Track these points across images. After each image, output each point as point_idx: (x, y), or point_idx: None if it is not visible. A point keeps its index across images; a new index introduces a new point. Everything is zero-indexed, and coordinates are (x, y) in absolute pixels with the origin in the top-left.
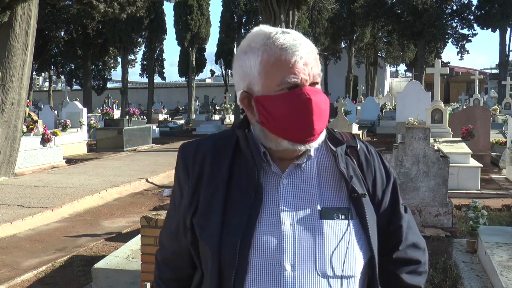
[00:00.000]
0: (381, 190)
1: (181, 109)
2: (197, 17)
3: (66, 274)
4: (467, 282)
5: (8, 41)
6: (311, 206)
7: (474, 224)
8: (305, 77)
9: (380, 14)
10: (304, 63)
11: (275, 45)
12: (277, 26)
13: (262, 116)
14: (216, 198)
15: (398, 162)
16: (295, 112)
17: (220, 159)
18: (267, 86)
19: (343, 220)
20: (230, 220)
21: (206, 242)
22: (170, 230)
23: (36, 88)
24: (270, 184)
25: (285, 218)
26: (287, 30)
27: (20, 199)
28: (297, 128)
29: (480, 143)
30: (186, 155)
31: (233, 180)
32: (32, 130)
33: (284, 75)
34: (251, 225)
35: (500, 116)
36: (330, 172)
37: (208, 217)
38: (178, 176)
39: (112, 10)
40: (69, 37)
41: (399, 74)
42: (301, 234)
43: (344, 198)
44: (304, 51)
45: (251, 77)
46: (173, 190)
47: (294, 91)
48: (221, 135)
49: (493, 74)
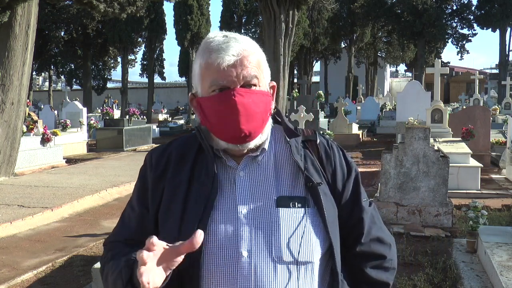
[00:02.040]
0: (341, 182)
1: (181, 109)
2: (197, 17)
3: (66, 274)
4: (467, 282)
5: (8, 41)
6: (268, 196)
7: (474, 224)
8: (233, 79)
9: (380, 14)
10: (229, 65)
11: (207, 49)
12: (277, 26)
13: (201, 116)
14: (178, 193)
15: (398, 162)
16: (223, 112)
17: (184, 158)
18: (203, 88)
19: (300, 208)
20: (188, 211)
21: (167, 236)
22: (129, 228)
23: (36, 88)
24: (227, 177)
25: (241, 207)
26: (227, 34)
27: (20, 199)
28: (227, 128)
29: (480, 143)
30: (153, 156)
31: (195, 178)
32: (32, 130)
33: (213, 78)
34: (206, 214)
35: (500, 116)
36: (287, 163)
37: (169, 211)
38: (140, 177)
39: (112, 10)
40: (69, 37)
41: (399, 74)
42: (257, 221)
43: (301, 187)
44: (230, 53)
45: (195, 80)
46: (134, 189)
47: (222, 93)
48: (187, 137)
49: (493, 74)
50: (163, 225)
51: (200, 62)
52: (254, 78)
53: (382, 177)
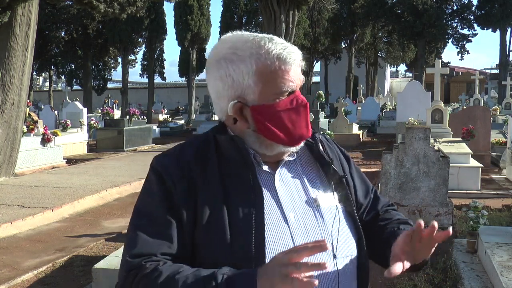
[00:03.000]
0: (348, 172)
1: (181, 109)
2: (197, 17)
3: (66, 274)
4: (467, 282)
5: (8, 41)
6: (307, 196)
7: (474, 224)
8: (299, 83)
9: (380, 14)
10: (298, 69)
11: (270, 55)
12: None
13: (260, 125)
14: (217, 207)
15: (398, 162)
16: (294, 117)
17: (206, 165)
18: (264, 95)
19: (334, 204)
20: (236, 226)
21: (214, 254)
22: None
23: (37, 88)
24: (265, 183)
25: (288, 211)
26: (270, 37)
27: (21, 199)
28: (297, 132)
29: (480, 143)
30: (166, 169)
31: (226, 185)
32: (33, 130)
33: (284, 84)
34: (260, 226)
35: (500, 116)
36: (308, 161)
37: (211, 228)
38: (153, 194)
39: (112, 10)
40: (69, 37)
41: (399, 74)
42: (308, 223)
43: (327, 183)
44: (299, 59)
45: (244, 86)
46: (143, 212)
47: (291, 97)
48: (197, 142)
49: (493, 74)
50: (206, 246)
51: (257, 67)
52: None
53: (382, 177)
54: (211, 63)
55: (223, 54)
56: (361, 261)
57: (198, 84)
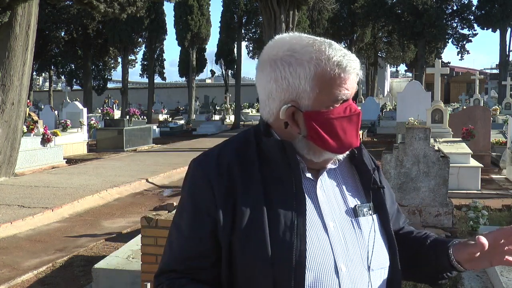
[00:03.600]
0: (378, 181)
1: (181, 109)
2: (197, 17)
3: (66, 274)
4: (467, 282)
5: (8, 41)
6: (346, 206)
7: (475, 224)
8: (353, 92)
9: (380, 14)
10: (355, 78)
11: (330, 61)
12: (277, 26)
13: (312, 131)
14: (257, 212)
15: (398, 162)
16: (346, 126)
17: (247, 168)
18: (319, 101)
19: (371, 216)
20: (277, 232)
21: (254, 261)
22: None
23: (37, 88)
24: (307, 190)
25: (328, 221)
26: (329, 42)
27: (21, 199)
28: (347, 142)
29: (480, 143)
30: (207, 170)
31: (268, 190)
32: (33, 130)
33: (340, 92)
34: (302, 235)
35: (500, 116)
36: (346, 170)
37: (251, 232)
38: (196, 195)
39: (113, 10)
40: (69, 37)
41: (399, 74)
42: (346, 234)
43: (363, 193)
44: (358, 68)
45: (300, 90)
46: (184, 211)
47: (344, 105)
48: (237, 143)
49: (493, 74)
50: (243, 249)
51: (316, 73)
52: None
53: None
54: (266, 62)
55: (280, 56)
56: (393, 273)
57: (198, 84)
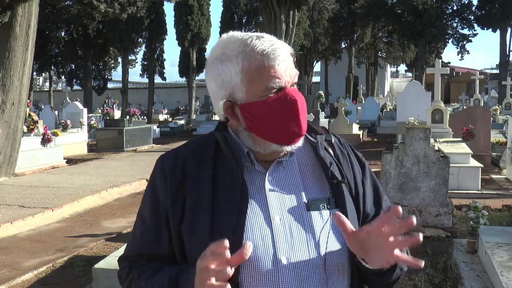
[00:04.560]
0: (360, 179)
1: (181, 109)
2: (197, 17)
3: (66, 274)
4: (467, 282)
5: (8, 42)
6: (298, 200)
7: (475, 224)
8: (288, 79)
9: (380, 14)
10: (285, 66)
11: (255, 52)
12: (277, 26)
13: (250, 123)
14: (202, 202)
15: (398, 162)
16: (283, 115)
17: (202, 162)
18: (252, 93)
19: (327, 210)
20: (219, 222)
21: (196, 247)
22: (144, 244)
23: (37, 89)
24: (255, 183)
25: (274, 213)
26: (260, 35)
27: (21, 199)
28: (286, 130)
29: (480, 143)
30: (165, 164)
31: (218, 182)
32: (33, 131)
33: (269, 81)
34: (240, 224)
35: (500, 116)
36: (309, 164)
37: (196, 222)
38: (154, 187)
39: (113, 11)
40: (70, 37)
41: (399, 74)
42: (292, 227)
43: (326, 187)
44: (284, 55)
45: (232, 85)
46: (145, 201)
47: (279, 94)
48: (199, 140)
49: (494, 74)
50: (189, 238)
51: (243, 65)
52: (296, 76)
53: (382, 178)
54: (207, 65)
55: (216, 55)
56: (353, 269)
57: (198, 84)
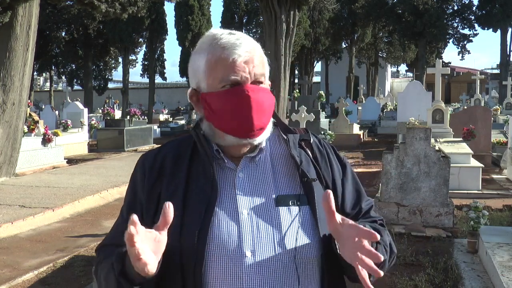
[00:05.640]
0: (339, 180)
1: (182, 109)
2: (198, 17)
3: (67, 274)
4: (468, 282)
5: (9, 42)
6: (267, 195)
7: (475, 224)
8: (246, 75)
9: (381, 14)
10: (244, 61)
11: (217, 45)
12: (278, 26)
13: (207, 112)
14: (176, 198)
15: (399, 162)
16: (235, 108)
17: (179, 160)
18: (211, 84)
19: (296, 206)
20: (188, 217)
21: (169, 243)
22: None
23: (37, 89)
24: (226, 179)
25: (242, 208)
26: (234, 32)
27: (21, 199)
28: (238, 124)
29: (481, 143)
30: (145, 161)
31: (192, 179)
32: (33, 131)
33: (225, 73)
34: (207, 218)
35: (501, 116)
36: (283, 161)
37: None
38: (134, 182)
39: (113, 11)
40: (70, 37)
41: (400, 74)
42: (259, 221)
43: (298, 185)
44: (243, 50)
45: (198, 75)
46: (126, 195)
47: (235, 88)
48: (180, 139)
49: (494, 74)
50: None
51: (207, 57)
52: (262, 75)
53: (383, 178)
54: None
55: (194, 49)
56: (323, 264)
57: None
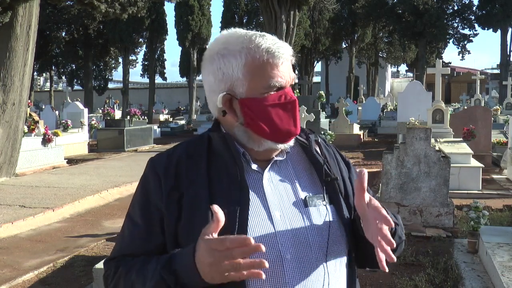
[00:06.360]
0: (347, 176)
1: (182, 110)
2: (198, 18)
3: (67, 274)
4: (468, 282)
5: (9, 42)
6: (295, 196)
7: (475, 225)
8: (288, 79)
9: (381, 14)
10: (287, 65)
11: (260, 49)
12: (278, 26)
13: (248, 118)
14: (199, 202)
15: (399, 162)
16: (282, 113)
17: (195, 162)
18: (253, 88)
19: (324, 206)
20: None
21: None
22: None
23: (37, 89)
24: (253, 182)
25: (274, 210)
26: (262, 34)
27: (21, 199)
28: (283, 129)
29: (481, 144)
30: (157, 165)
31: (213, 182)
32: (33, 131)
33: (272, 78)
34: (243, 224)
35: (501, 116)
36: (301, 162)
37: (194, 222)
38: (146, 188)
39: (113, 11)
40: (70, 37)
41: (400, 74)
42: (293, 223)
43: (318, 184)
44: (287, 54)
45: (233, 79)
46: (136, 203)
47: (280, 93)
48: (190, 141)
49: (494, 74)
50: (187, 238)
51: (246, 61)
52: (294, 79)
53: (383, 178)
54: (205, 59)
55: (216, 50)
56: (350, 263)
57: (199, 84)
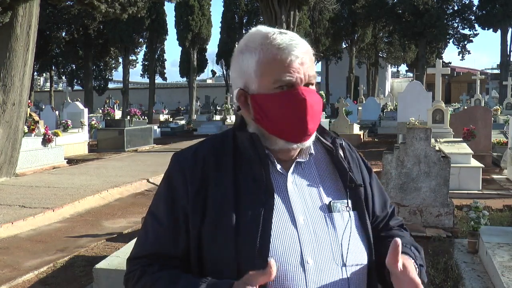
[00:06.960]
0: (368, 182)
1: (182, 110)
2: (198, 18)
3: (67, 274)
4: (468, 282)
5: (9, 42)
6: (319, 200)
7: (475, 225)
8: (301, 77)
9: (381, 14)
10: (300, 62)
11: (272, 45)
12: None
13: (257, 114)
14: (226, 203)
15: (399, 162)
16: (290, 111)
17: (222, 162)
18: (263, 85)
19: (347, 212)
20: (244, 224)
21: (220, 250)
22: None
23: (37, 89)
24: (277, 184)
25: (298, 214)
26: (284, 31)
27: (21, 199)
28: (292, 128)
29: (481, 144)
30: (183, 162)
31: (240, 183)
32: (33, 131)
33: (280, 74)
34: (267, 228)
35: (501, 116)
36: (326, 166)
37: (220, 222)
38: (170, 186)
39: (113, 11)
40: (70, 37)
41: (400, 74)
42: (316, 228)
43: (342, 190)
44: (300, 51)
45: (247, 75)
46: (160, 200)
47: (290, 90)
48: (215, 138)
49: (494, 74)
50: (212, 238)
51: (259, 56)
52: (314, 77)
53: (383, 178)
54: (232, 56)
55: (240, 48)
56: (371, 270)
57: (199, 84)
